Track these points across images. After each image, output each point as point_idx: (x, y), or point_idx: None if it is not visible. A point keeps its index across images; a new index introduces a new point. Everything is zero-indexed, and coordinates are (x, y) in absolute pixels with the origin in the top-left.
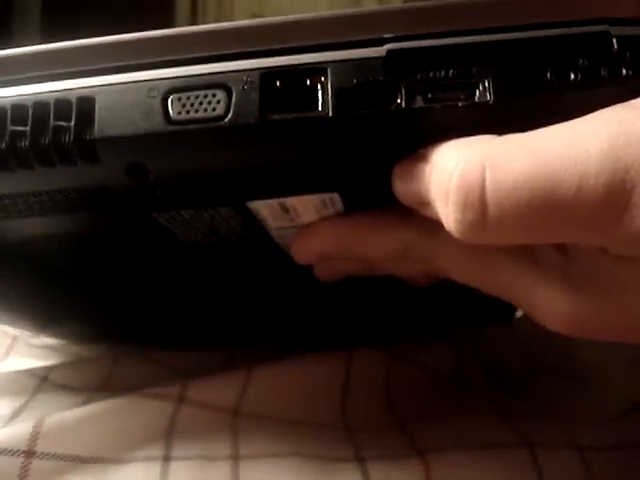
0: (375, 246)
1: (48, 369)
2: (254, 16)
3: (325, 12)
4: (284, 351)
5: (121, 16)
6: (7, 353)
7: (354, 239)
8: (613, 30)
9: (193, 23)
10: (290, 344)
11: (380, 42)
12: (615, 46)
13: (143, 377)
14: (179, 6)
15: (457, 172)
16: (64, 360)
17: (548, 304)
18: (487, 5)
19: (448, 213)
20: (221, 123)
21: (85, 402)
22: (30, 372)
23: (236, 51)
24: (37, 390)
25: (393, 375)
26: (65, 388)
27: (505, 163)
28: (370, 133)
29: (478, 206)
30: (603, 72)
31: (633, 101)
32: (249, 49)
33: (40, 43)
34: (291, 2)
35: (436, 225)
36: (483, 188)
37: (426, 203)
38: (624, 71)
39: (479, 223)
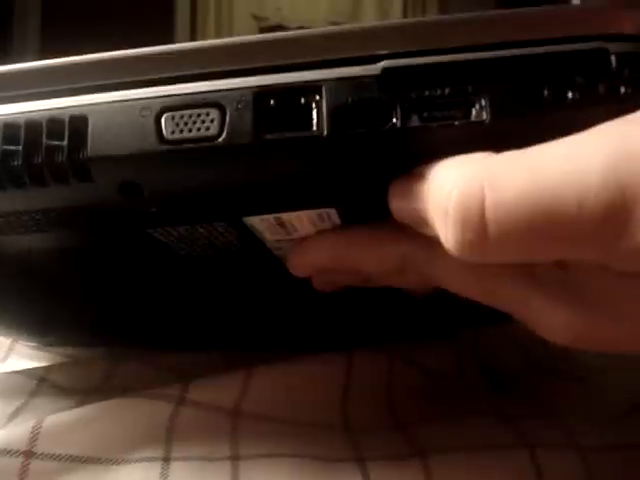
0: (371, 260)
1: (47, 370)
2: (254, 16)
3: (319, 29)
4: (284, 352)
5: (122, 15)
6: (6, 355)
7: (350, 253)
8: (611, 47)
9: (193, 23)
10: (291, 346)
11: (375, 59)
12: (613, 63)
13: (142, 378)
14: (179, 6)
15: (455, 192)
16: (63, 361)
17: (546, 317)
18: (483, 21)
19: (447, 233)
20: (215, 143)
21: (84, 403)
22: (29, 373)
23: (230, 68)
24: (36, 391)
25: (393, 376)
26: (64, 389)
27: (504, 182)
28: (365, 152)
29: (478, 226)
30: (601, 90)
31: (633, 115)
32: (243, 66)
33: (39, 59)
34: (291, 2)
35: (433, 239)
36: (482, 208)
37: (423, 222)
38: (622, 89)
39: (479, 243)
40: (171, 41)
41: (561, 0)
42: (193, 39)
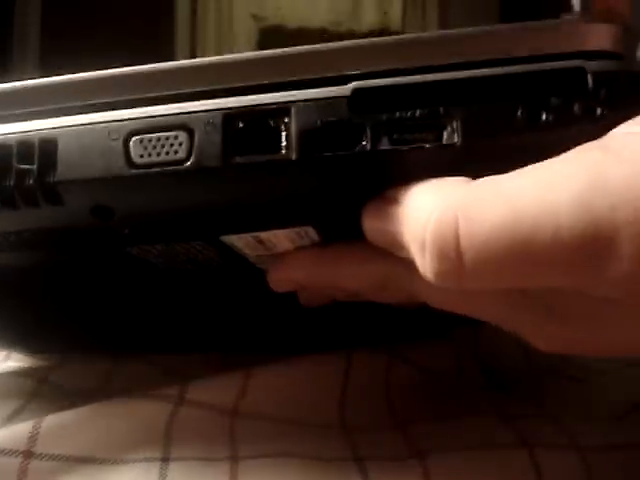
0: (352, 279)
1: (47, 370)
2: (254, 17)
3: (290, 48)
4: (283, 352)
5: (123, 15)
6: (7, 355)
7: (329, 271)
8: (588, 65)
9: (193, 23)
10: (288, 347)
11: (346, 80)
12: (590, 83)
13: (142, 378)
14: (179, 6)
15: (431, 222)
16: (63, 361)
17: (530, 329)
18: (456, 40)
19: (424, 262)
20: (183, 167)
21: (84, 403)
22: (29, 373)
23: (199, 90)
24: (36, 391)
25: (392, 376)
26: (64, 389)
27: (479, 212)
28: (335, 175)
29: (454, 257)
30: (577, 110)
31: (608, 140)
32: (212, 88)
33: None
34: (291, 2)
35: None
36: (457, 239)
37: (399, 245)
38: (599, 110)
39: (455, 272)
40: (171, 41)
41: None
42: (193, 38)
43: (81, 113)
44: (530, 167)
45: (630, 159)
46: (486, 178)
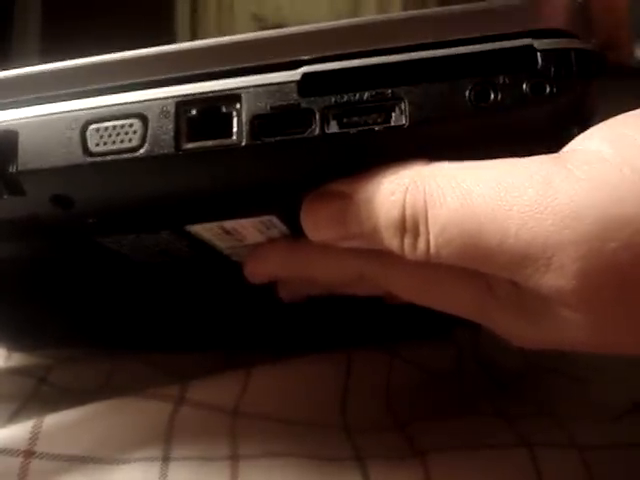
0: (326, 273)
1: (47, 370)
2: (254, 16)
3: (241, 35)
4: (283, 352)
5: (122, 14)
6: (8, 357)
7: (304, 267)
8: (537, 44)
9: (193, 23)
10: (289, 346)
11: (296, 65)
12: (539, 61)
13: (142, 378)
14: (179, 6)
15: (408, 208)
16: (63, 361)
17: (506, 327)
18: (403, 22)
19: (406, 244)
20: (137, 154)
21: (84, 403)
22: (29, 373)
23: (154, 79)
24: (36, 391)
25: (393, 376)
26: (64, 389)
27: (438, 201)
28: (287, 160)
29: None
30: (525, 89)
31: (564, 154)
32: (166, 76)
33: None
34: (291, 2)
35: (383, 251)
36: (426, 218)
37: (353, 236)
38: (547, 87)
39: (426, 254)
40: (172, 40)
41: None
42: (193, 38)
43: (41, 104)
44: (490, 165)
45: (585, 178)
46: (446, 164)
